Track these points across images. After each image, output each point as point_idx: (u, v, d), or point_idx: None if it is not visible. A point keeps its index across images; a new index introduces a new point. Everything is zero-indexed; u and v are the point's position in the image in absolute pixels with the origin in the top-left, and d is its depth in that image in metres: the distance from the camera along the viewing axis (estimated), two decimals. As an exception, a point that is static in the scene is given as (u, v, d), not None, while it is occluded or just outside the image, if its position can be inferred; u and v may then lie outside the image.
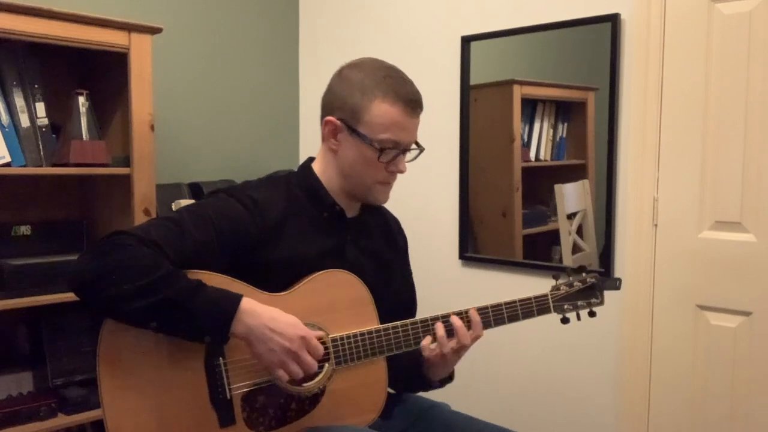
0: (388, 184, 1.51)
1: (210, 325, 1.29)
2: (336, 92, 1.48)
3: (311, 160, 1.57)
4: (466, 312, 1.47)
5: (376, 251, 1.59)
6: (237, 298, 1.30)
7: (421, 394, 1.68)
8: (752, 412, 1.99)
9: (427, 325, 1.46)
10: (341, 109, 1.46)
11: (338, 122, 1.46)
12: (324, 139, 1.50)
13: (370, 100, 1.43)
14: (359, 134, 1.44)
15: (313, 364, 1.34)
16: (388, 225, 1.67)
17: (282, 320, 1.32)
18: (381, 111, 1.43)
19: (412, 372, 1.57)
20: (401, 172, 1.50)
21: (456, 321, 1.45)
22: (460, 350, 1.47)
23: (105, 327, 1.30)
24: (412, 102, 1.45)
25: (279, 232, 1.43)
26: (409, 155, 1.50)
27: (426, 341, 1.45)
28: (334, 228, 1.52)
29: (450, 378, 1.60)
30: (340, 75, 1.50)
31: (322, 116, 1.50)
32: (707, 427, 2.08)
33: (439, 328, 1.45)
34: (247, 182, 1.54)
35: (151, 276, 1.25)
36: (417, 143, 1.50)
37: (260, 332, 1.30)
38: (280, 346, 1.30)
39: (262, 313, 1.31)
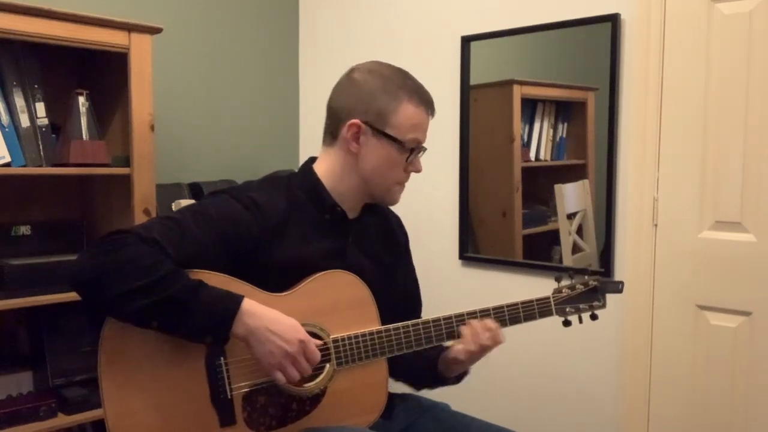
0: (403, 184, 1.54)
1: (211, 325, 1.29)
2: (356, 96, 1.47)
3: (312, 160, 1.56)
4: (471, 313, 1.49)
5: (377, 252, 1.59)
6: (238, 299, 1.30)
7: (422, 393, 1.68)
8: (752, 412, 2.00)
9: (429, 327, 1.46)
10: (366, 112, 1.46)
11: (363, 125, 1.46)
12: (343, 141, 1.48)
13: (398, 103, 1.45)
14: (387, 136, 1.46)
15: (309, 369, 1.34)
16: (389, 224, 1.67)
17: (283, 323, 1.32)
18: (409, 112, 1.46)
19: (427, 369, 1.58)
20: (419, 171, 1.53)
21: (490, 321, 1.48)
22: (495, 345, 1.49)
23: (106, 326, 1.30)
24: (431, 103, 1.51)
25: (280, 233, 1.43)
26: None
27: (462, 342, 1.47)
28: (336, 229, 1.51)
29: (466, 372, 1.60)
30: (353, 79, 1.49)
31: (338, 120, 1.48)
32: (707, 427, 2.08)
33: (464, 329, 1.47)
34: (248, 183, 1.53)
35: (152, 275, 1.25)
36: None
37: (260, 334, 1.30)
38: (279, 349, 1.30)
39: (263, 314, 1.31)
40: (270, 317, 1.31)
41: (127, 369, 1.30)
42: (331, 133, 1.51)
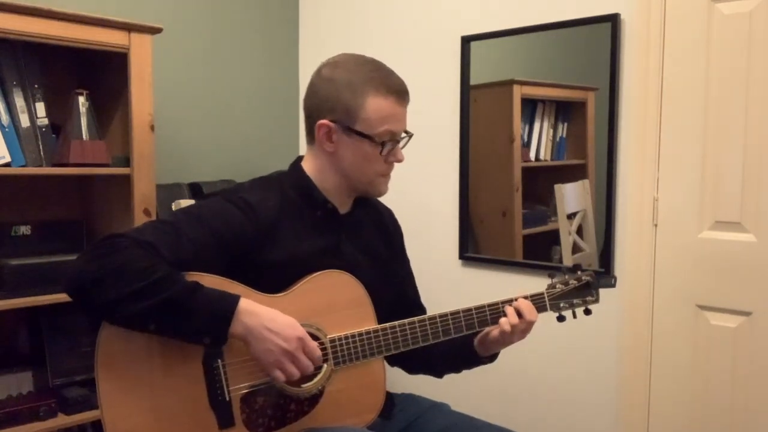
0: (387, 175, 1.53)
1: (209, 326, 1.29)
2: (323, 95, 1.47)
3: (300, 159, 1.57)
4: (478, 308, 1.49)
5: (371, 247, 1.59)
6: (235, 299, 1.30)
7: (422, 393, 1.69)
8: (752, 412, 1.99)
9: (425, 325, 1.46)
10: (333, 111, 1.46)
11: (332, 124, 1.46)
12: (318, 142, 1.49)
13: (364, 98, 1.44)
14: (357, 132, 1.45)
15: (310, 365, 1.34)
16: (381, 218, 1.67)
17: (280, 321, 1.32)
18: (376, 106, 1.44)
19: (461, 351, 1.58)
20: (400, 161, 1.51)
21: (522, 303, 1.49)
22: (527, 330, 1.49)
23: (103, 329, 1.30)
24: (401, 92, 1.48)
25: (274, 233, 1.43)
26: (401, 143, 1.52)
27: (504, 324, 1.47)
28: (329, 226, 1.52)
29: (498, 352, 1.60)
30: (322, 76, 1.49)
31: (312, 121, 1.49)
32: (707, 427, 2.07)
33: (512, 314, 1.47)
34: (240, 185, 1.54)
35: (148, 278, 1.25)
36: (406, 131, 1.52)
37: (258, 332, 1.30)
38: (278, 347, 1.30)
39: (261, 313, 1.31)
40: (268, 315, 1.31)
41: (124, 372, 1.30)
42: (309, 133, 1.52)
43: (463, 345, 1.56)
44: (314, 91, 1.50)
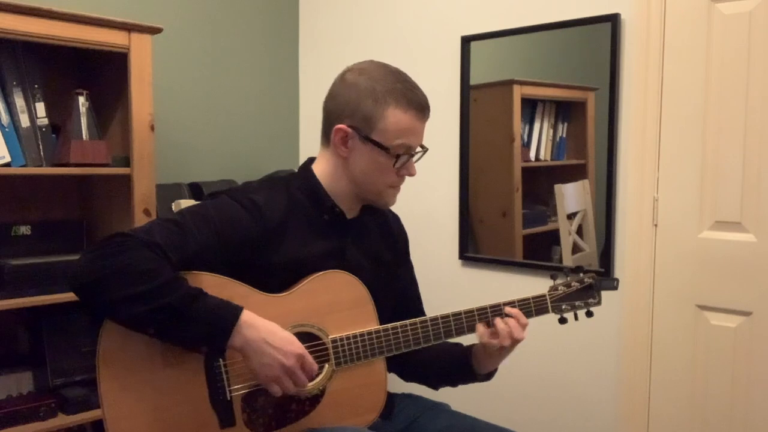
0: (397, 187, 1.53)
1: (208, 336, 1.28)
2: (344, 99, 1.46)
3: (311, 161, 1.57)
4: (473, 311, 1.48)
5: (376, 252, 1.59)
6: (237, 310, 1.30)
7: (422, 393, 1.69)
8: (752, 412, 2.00)
9: (426, 326, 1.46)
10: (352, 117, 1.45)
11: (349, 130, 1.45)
12: (332, 145, 1.49)
13: (384, 108, 1.43)
14: (373, 141, 1.44)
15: (306, 382, 1.34)
16: (387, 224, 1.67)
17: (280, 335, 1.32)
18: (395, 118, 1.43)
19: (457, 366, 1.58)
20: (412, 175, 1.51)
21: (512, 311, 1.47)
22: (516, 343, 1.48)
23: (105, 328, 1.30)
24: (422, 107, 1.47)
25: (280, 234, 1.43)
26: (415, 158, 1.51)
27: (481, 331, 1.46)
28: (335, 230, 1.51)
29: (496, 369, 1.60)
30: (345, 81, 1.48)
31: (330, 123, 1.49)
32: (707, 427, 2.08)
33: (500, 322, 1.46)
34: (247, 184, 1.54)
35: (152, 282, 1.24)
36: (421, 145, 1.51)
37: (257, 346, 1.29)
38: (276, 362, 1.30)
39: (261, 326, 1.31)
40: (268, 329, 1.31)
41: (126, 371, 1.30)
42: (325, 135, 1.51)
43: (460, 360, 1.57)
44: (335, 95, 1.49)
